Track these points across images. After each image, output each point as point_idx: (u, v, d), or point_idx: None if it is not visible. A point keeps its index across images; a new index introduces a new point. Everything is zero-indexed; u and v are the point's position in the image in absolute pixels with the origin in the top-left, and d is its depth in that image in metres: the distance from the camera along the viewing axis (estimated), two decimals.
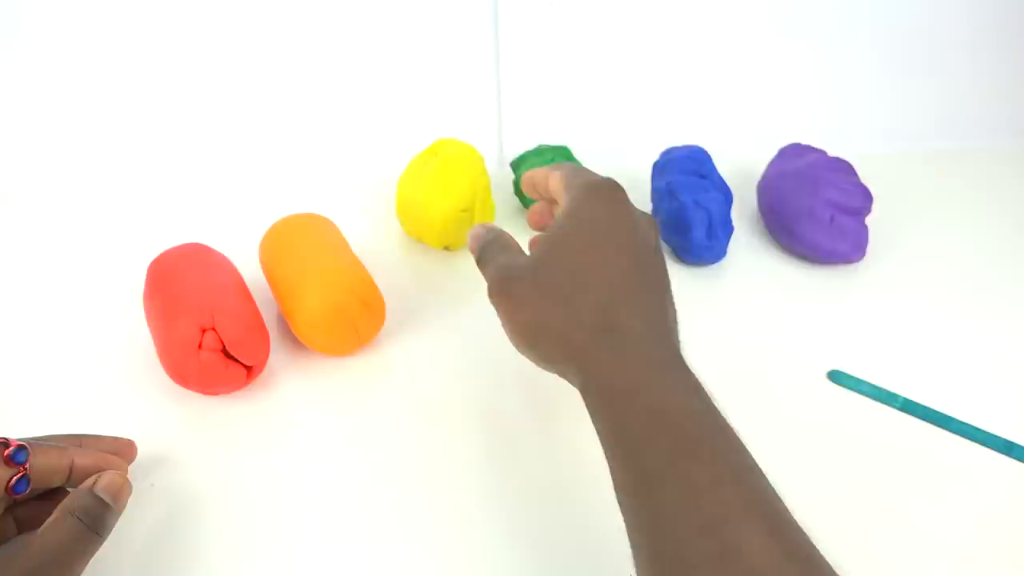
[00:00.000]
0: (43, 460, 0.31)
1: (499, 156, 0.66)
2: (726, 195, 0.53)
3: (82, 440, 0.34)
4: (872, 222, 0.54)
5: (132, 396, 0.42)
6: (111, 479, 0.31)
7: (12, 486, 0.30)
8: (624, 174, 0.63)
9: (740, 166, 0.62)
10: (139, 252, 0.48)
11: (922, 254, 0.56)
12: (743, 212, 0.60)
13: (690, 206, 0.51)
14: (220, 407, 0.41)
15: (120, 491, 0.31)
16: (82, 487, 0.31)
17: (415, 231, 0.54)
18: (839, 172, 0.53)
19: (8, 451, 0.30)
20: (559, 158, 0.56)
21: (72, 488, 0.32)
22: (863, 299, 0.51)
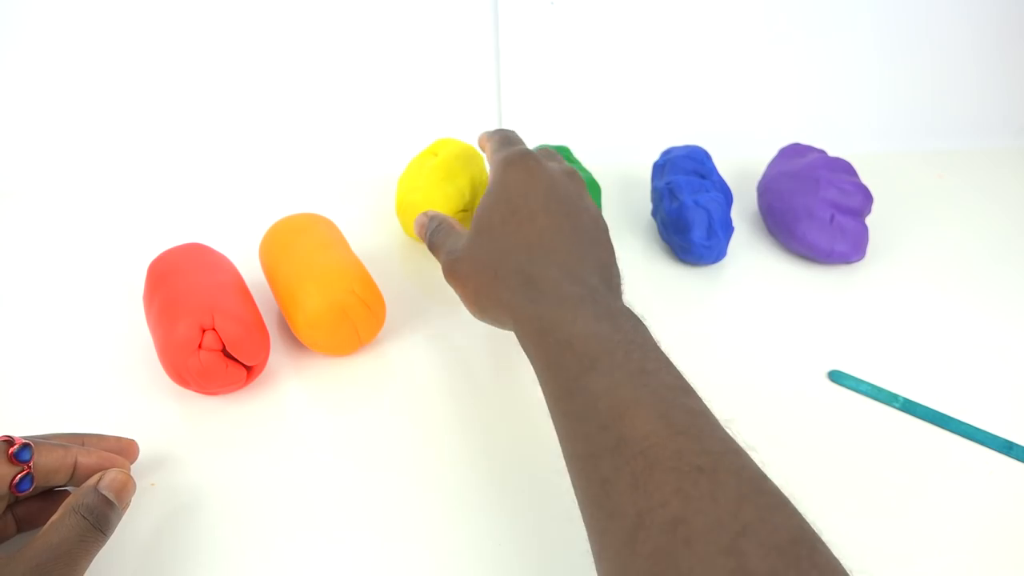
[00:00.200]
0: (47, 458, 0.31)
1: None
2: (726, 195, 0.53)
3: (85, 439, 0.34)
4: (872, 222, 0.54)
5: (132, 396, 0.42)
6: (115, 477, 0.31)
7: (16, 484, 0.30)
8: (624, 174, 0.64)
9: (740, 166, 0.62)
10: (139, 252, 0.48)
11: (922, 254, 0.56)
12: (743, 212, 0.60)
13: (690, 206, 0.51)
14: (220, 407, 0.41)
15: (124, 489, 0.32)
16: (86, 485, 0.31)
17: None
18: (839, 172, 0.53)
19: (13, 449, 0.30)
20: None
21: (74, 487, 0.32)
22: (863, 299, 0.51)
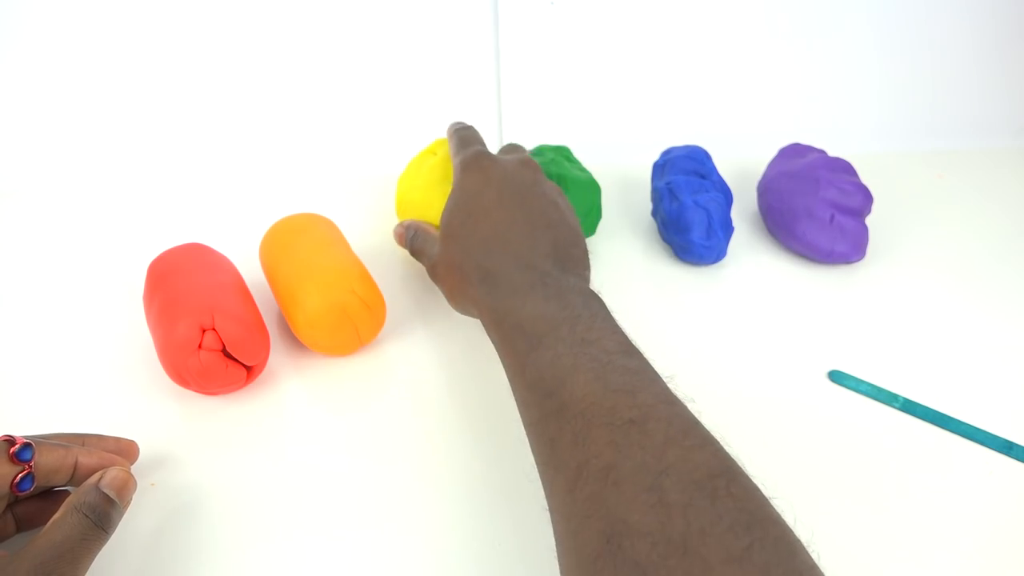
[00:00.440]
0: (48, 458, 0.31)
1: None
2: (726, 195, 0.53)
3: (85, 439, 0.35)
4: (872, 222, 0.54)
5: (132, 396, 0.42)
6: (116, 475, 0.31)
7: (17, 483, 0.30)
8: (624, 174, 0.64)
9: (740, 166, 0.62)
10: (139, 252, 0.48)
11: (922, 254, 0.56)
12: (743, 212, 0.60)
13: (690, 206, 0.51)
14: (220, 407, 0.41)
15: (125, 487, 0.32)
16: (88, 483, 0.31)
17: None
18: (839, 172, 0.53)
19: (14, 449, 0.30)
20: (559, 158, 0.56)
21: (74, 487, 0.32)
22: (863, 299, 0.51)
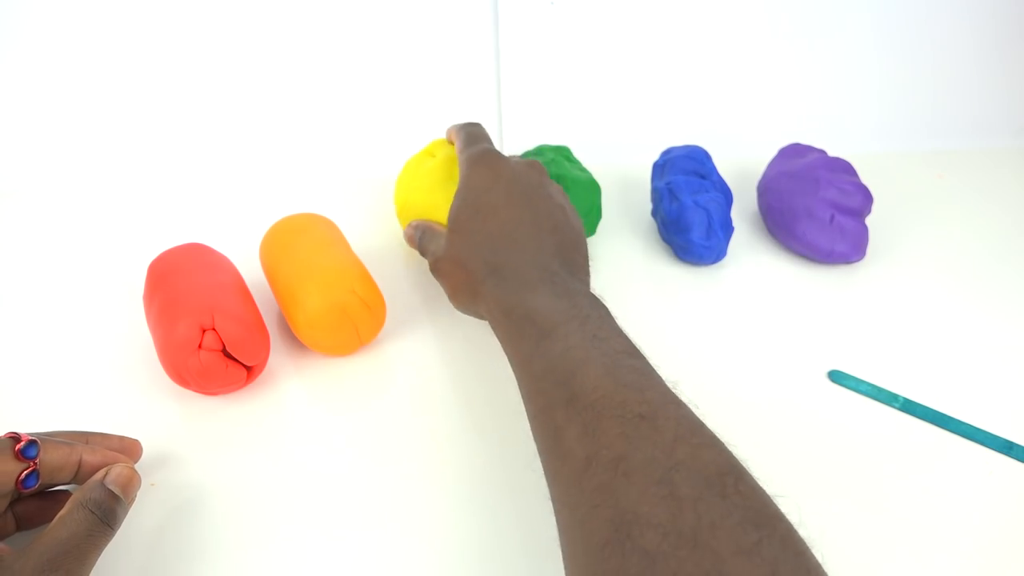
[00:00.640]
0: (52, 455, 0.32)
1: None
2: (726, 195, 0.53)
3: (89, 438, 0.35)
4: (872, 222, 0.54)
5: (132, 396, 0.42)
6: (121, 472, 0.32)
7: (22, 480, 0.31)
8: (624, 174, 0.64)
9: (740, 166, 0.62)
10: (139, 252, 0.48)
11: (922, 254, 0.56)
12: (743, 212, 0.60)
13: (690, 206, 0.51)
14: (220, 407, 0.41)
15: (130, 484, 0.32)
16: (93, 480, 0.31)
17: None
18: (839, 172, 0.53)
19: (19, 446, 0.31)
20: (559, 158, 0.56)
21: (78, 485, 0.32)
22: (863, 299, 0.51)
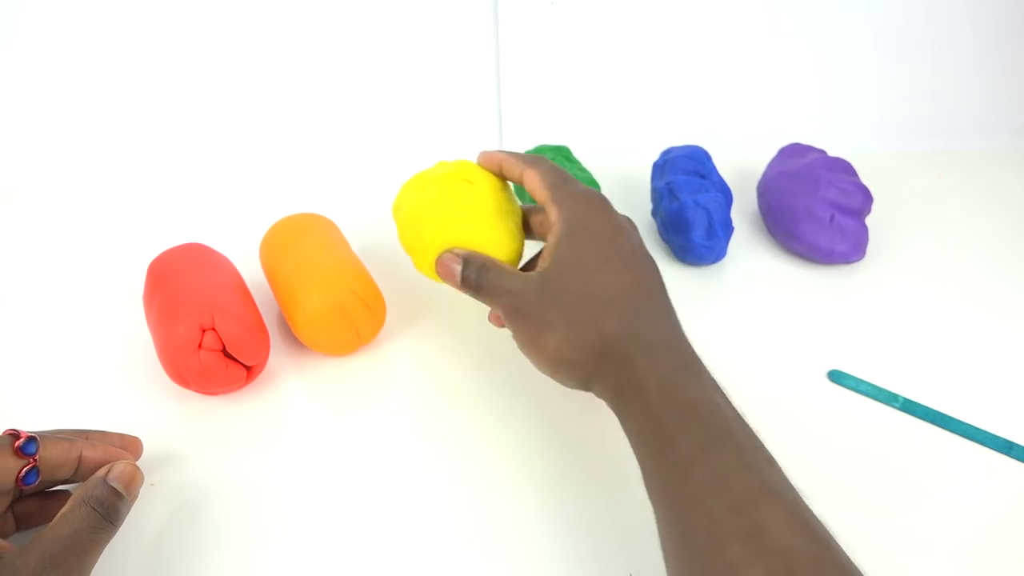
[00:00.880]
0: (53, 452, 0.32)
1: None
2: (726, 195, 0.53)
3: (89, 435, 0.35)
4: (872, 222, 0.54)
5: (132, 396, 0.42)
6: (123, 469, 0.32)
7: (22, 477, 0.31)
8: (624, 174, 0.64)
9: (740, 166, 0.62)
10: (139, 252, 0.48)
11: (922, 254, 0.56)
12: (743, 212, 0.60)
13: (690, 206, 0.51)
14: (220, 407, 0.41)
15: (132, 480, 0.32)
16: (95, 477, 0.31)
17: (417, 264, 0.40)
18: (839, 172, 0.53)
19: (19, 443, 0.31)
20: (559, 158, 0.56)
21: (78, 482, 0.32)
22: (863, 299, 0.51)
